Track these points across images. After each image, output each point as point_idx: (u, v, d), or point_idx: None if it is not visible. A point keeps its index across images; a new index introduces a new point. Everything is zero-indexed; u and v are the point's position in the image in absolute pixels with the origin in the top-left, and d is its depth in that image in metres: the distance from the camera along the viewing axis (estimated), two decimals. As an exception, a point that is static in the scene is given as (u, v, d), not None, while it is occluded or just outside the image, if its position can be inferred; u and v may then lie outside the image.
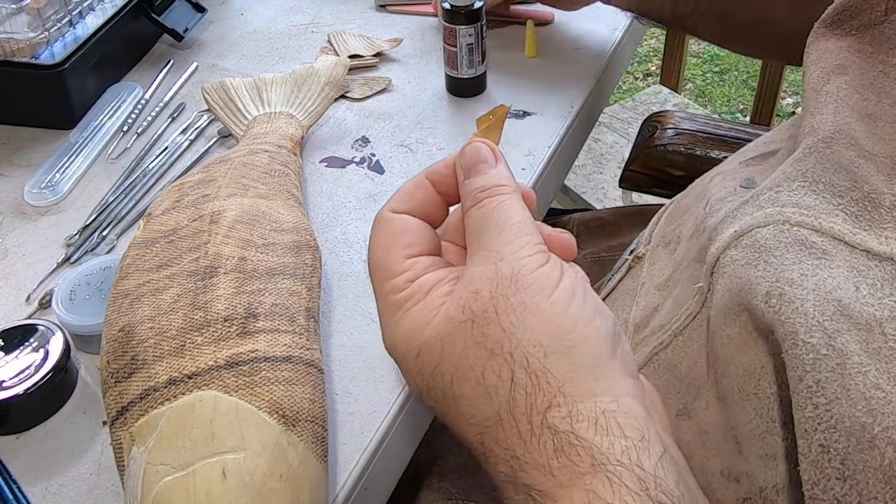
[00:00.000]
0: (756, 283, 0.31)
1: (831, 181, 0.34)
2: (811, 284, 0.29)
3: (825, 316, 0.28)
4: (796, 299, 0.29)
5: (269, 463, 0.38)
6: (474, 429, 0.31)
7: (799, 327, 0.28)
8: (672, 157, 0.88)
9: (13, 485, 0.46)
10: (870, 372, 0.26)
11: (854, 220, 0.32)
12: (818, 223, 0.32)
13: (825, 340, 0.27)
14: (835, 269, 0.30)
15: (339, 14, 0.95)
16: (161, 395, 0.39)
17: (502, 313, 0.31)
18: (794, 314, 0.28)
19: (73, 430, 0.50)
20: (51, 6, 0.74)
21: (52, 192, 0.69)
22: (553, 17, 0.92)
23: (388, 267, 0.35)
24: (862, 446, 0.25)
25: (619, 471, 0.28)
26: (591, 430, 0.29)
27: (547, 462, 0.29)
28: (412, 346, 0.33)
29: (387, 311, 0.35)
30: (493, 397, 0.30)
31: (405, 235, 0.36)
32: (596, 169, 1.59)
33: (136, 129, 0.77)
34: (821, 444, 0.26)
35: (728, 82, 2.52)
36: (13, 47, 0.73)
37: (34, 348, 0.51)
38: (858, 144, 0.35)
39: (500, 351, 0.30)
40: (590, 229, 0.84)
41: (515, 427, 0.30)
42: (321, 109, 0.71)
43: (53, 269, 0.61)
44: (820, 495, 0.25)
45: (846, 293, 0.29)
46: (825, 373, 0.26)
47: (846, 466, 0.25)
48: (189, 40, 0.89)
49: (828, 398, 0.26)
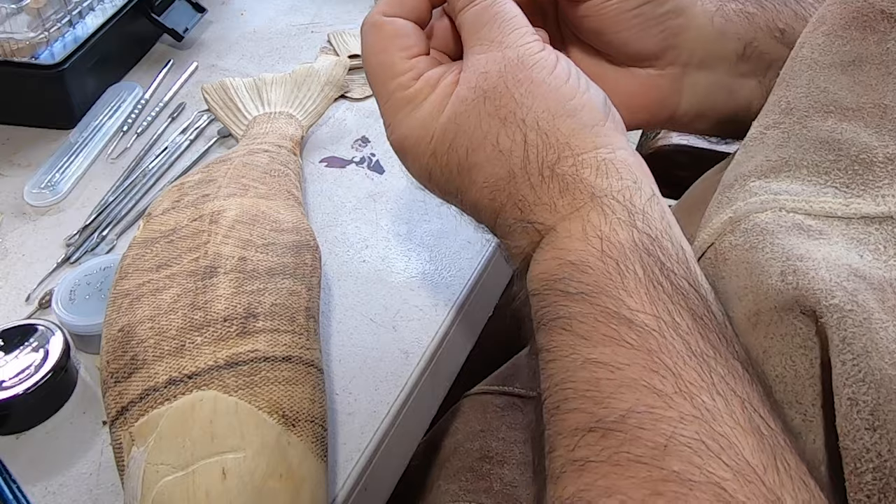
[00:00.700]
0: (767, 265, 0.31)
1: (813, 161, 0.34)
2: (819, 256, 0.30)
3: (841, 277, 0.28)
4: (810, 270, 0.29)
5: (269, 463, 0.38)
6: (487, 190, 0.35)
7: (819, 294, 0.28)
8: (677, 158, 0.88)
9: (13, 485, 0.46)
10: (889, 328, 0.27)
11: (846, 189, 0.32)
12: (809, 206, 0.32)
13: (848, 297, 0.28)
14: (833, 245, 0.30)
15: (339, 14, 0.95)
16: (161, 395, 0.39)
17: (512, 87, 0.34)
18: (811, 283, 0.29)
19: (73, 430, 0.50)
20: (51, 6, 0.74)
21: (52, 192, 0.69)
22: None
23: (391, 67, 0.38)
24: (891, 396, 0.25)
25: (612, 204, 0.32)
26: (593, 174, 0.33)
27: (552, 202, 0.33)
28: (427, 132, 0.36)
29: (395, 109, 0.38)
30: (508, 158, 0.34)
31: (402, 38, 0.39)
32: (596, 169, 1.59)
33: (136, 129, 0.77)
34: (849, 397, 0.26)
35: (728, 82, 2.52)
36: (13, 47, 0.73)
37: (34, 348, 0.51)
38: (839, 105, 0.34)
39: (512, 119, 0.34)
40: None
41: (528, 179, 0.34)
42: (321, 109, 0.71)
43: (53, 269, 0.61)
44: (850, 445, 0.26)
45: (852, 261, 0.29)
46: (851, 328, 0.27)
47: (875, 417, 0.26)
48: (189, 40, 0.89)
49: (854, 353, 0.27)
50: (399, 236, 0.64)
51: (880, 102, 0.33)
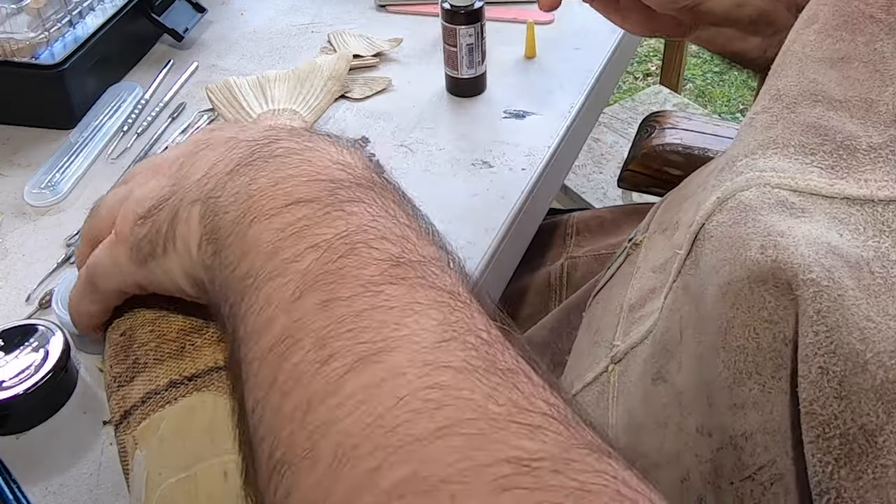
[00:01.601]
0: (748, 239, 0.32)
1: (800, 142, 0.35)
2: (799, 233, 0.31)
3: (819, 254, 0.30)
4: (790, 245, 0.30)
5: None
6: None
7: (797, 268, 0.29)
8: (670, 157, 0.88)
9: (13, 485, 0.46)
10: (861, 305, 0.28)
11: (830, 171, 0.33)
12: (794, 182, 0.33)
13: (824, 274, 0.29)
14: (815, 223, 0.31)
15: (339, 14, 0.95)
16: (162, 398, 0.39)
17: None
18: (791, 258, 0.30)
19: (73, 430, 0.50)
20: (51, 6, 0.74)
21: (52, 192, 0.69)
22: (553, 18, 0.92)
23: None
24: (857, 369, 0.27)
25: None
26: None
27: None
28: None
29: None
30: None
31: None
32: (596, 169, 1.59)
33: (136, 129, 0.77)
34: (820, 366, 0.28)
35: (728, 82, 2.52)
36: (13, 47, 0.73)
37: (34, 348, 0.51)
38: (827, 96, 0.35)
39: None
40: (590, 228, 0.84)
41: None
42: (324, 105, 0.71)
43: (53, 269, 0.61)
44: (819, 411, 0.28)
45: (832, 239, 0.30)
46: (826, 303, 0.28)
47: (843, 387, 0.27)
48: (189, 40, 0.89)
49: (828, 326, 0.28)
50: (399, 237, 0.64)
51: (867, 97, 0.35)
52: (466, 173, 0.70)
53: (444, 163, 0.72)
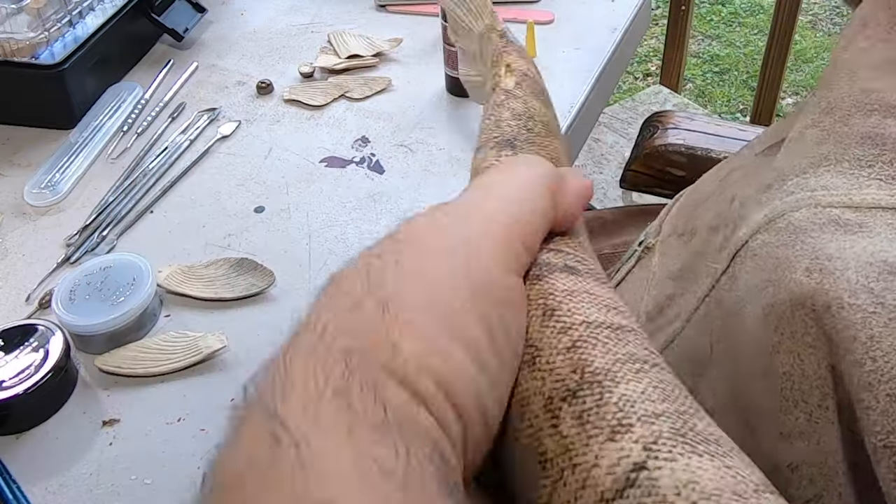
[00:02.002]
0: (795, 261, 0.31)
1: (855, 155, 0.33)
2: (850, 255, 0.30)
3: (870, 279, 0.28)
4: (836, 270, 0.29)
5: None
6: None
7: (842, 292, 0.28)
8: (673, 158, 0.88)
9: (13, 485, 0.46)
10: None
11: (891, 182, 0.32)
12: (850, 199, 0.32)
13: (871, 300, 0.28)
14: (874, 237, 0.30)
15: (339, 14, 0.95)
16: None
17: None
18: (836, 282, 0.29)
19: (73, 430, 0.50)
20: (51, 6, 0.74)
21: (52, 192, 0.69)
22: (553, 17, 0.92)
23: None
24: None
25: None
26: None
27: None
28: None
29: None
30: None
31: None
32: (596, 169, 1.59)
33: (136, 129, 0.77)
34: (887, 393, 0.26)
35: (728, 82, 2.52)
36: (13, 47, 0.73)
37: (34, 348, 0.51)
38: (883, 103, 0.34)
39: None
40: (591, 228, 0.84)
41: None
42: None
43: (53, 269, 0.61)
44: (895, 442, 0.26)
45: (891, 254, 0.29)
46: (878, 328, 0.27)
47: None
48: (189, 40, 0.89)
49: (884, 350, 0.26)
50: (399, 236, 0.64)
51: None
52: (466, 173, 0.70)
53: (444, 163, 0.72)
